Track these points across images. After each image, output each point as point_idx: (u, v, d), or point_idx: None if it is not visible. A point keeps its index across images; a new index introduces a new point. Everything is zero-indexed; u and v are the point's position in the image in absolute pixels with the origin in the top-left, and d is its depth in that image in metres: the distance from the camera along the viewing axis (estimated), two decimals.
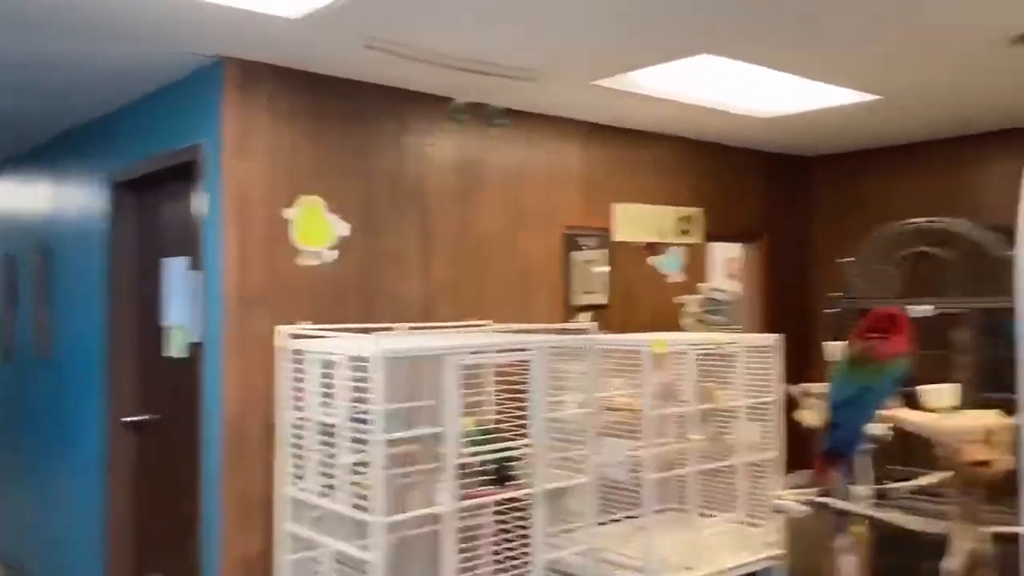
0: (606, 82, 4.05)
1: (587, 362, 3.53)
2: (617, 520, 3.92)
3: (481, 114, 4.42)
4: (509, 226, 4.57)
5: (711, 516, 4.13)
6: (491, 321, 4.31)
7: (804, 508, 2.98)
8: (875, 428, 3.03)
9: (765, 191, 6.01)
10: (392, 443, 2.89)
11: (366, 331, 3.46)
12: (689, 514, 4.00)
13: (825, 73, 3.93)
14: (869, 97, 4.36)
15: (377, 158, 4.02)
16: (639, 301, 5.81)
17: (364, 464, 2.90)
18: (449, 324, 4.12)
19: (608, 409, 3.94)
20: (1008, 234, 4.18)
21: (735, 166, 5.80)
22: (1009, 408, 2.58)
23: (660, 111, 4.65)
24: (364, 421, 2.87)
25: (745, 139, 5.57)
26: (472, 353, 3.08)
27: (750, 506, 4.16)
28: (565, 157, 4.85)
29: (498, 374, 3.68)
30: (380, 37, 3.33)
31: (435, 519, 3.03)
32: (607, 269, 5.11)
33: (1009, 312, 4.08)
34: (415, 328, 3.89)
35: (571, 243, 4.92)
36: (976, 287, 4.25)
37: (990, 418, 2.82)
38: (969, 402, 3.53)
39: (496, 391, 3.67)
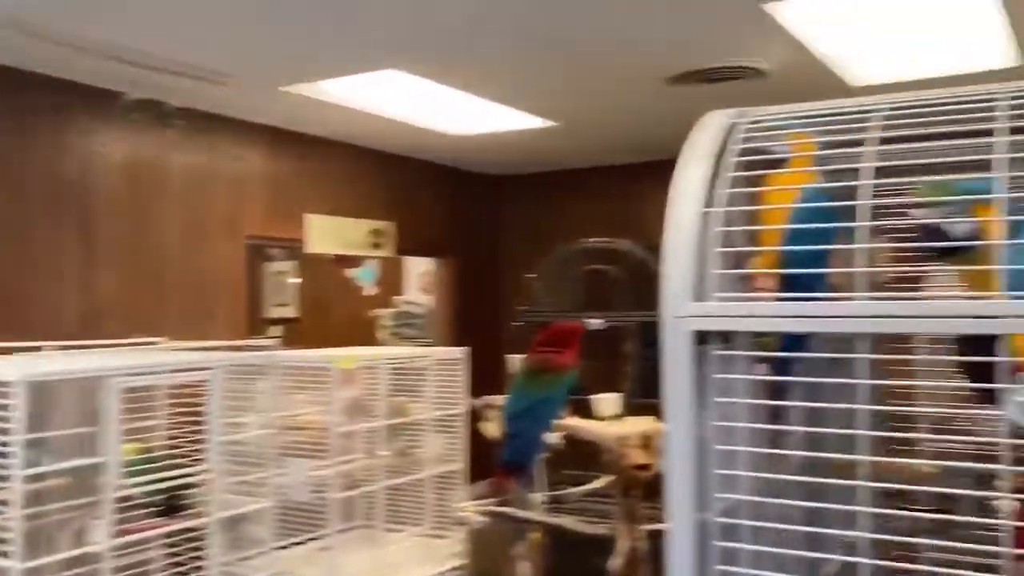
0: (296, 89, 3.93)
1: (269, 380, 3.37)
2: (301, 543, 3.78)
3: (155, 113, 4.10)
4: (189, 235, 4.28)
5: (399, 531, 4.12)
6: (166, 338, 4.00)
7: (483, 518, 3.04)
8: (550, 437, 3.16)
9: (456, 207, 6.15)
10: (35, 478, 2.56)
11: (7, 351, 3.06)
12: (376, 530, 3.95)
13: (506, 97, 4.09)
14: (547, 123, 4.60)
15: (28, 154, 3.59)
16: (334, 314, 5.71)
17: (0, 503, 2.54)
18: (114, 342, 3.77)
19: (294, 428, 3.79)
20: None
21: (426, 181, 5.88)
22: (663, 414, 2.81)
23: (352, 122, 4.60)
24: (1, 454, 2.52)
25: (436, 155, 5.67)
26: (135, 375, 2.82)
27: (436, 518, 4.20)
28: (251, 163, 4.64)
29: (173, 396, 3.41)
30: (32, 21, 2.97)
31: (94, 559, 2.73)
32: (298, 281, 4.96)
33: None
34: (70, 346, 3.50)
35: (259, 254, 4.72)
36: (641, 302, 4.64)
37: (648, 424, 3.05)
38: (633, 409, 3.83)
39: (171, 414, 3.40)
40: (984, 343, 1.51)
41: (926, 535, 2.55)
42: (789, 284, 1.46)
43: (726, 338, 1.37)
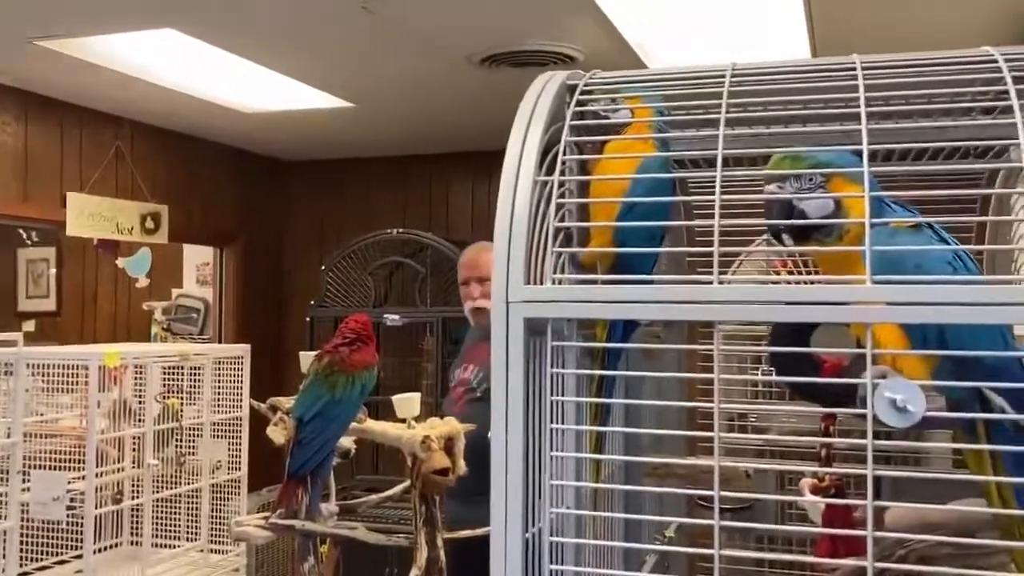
0: (53, 44, 3.41)
1: (14, 381, 2.90)
2: (47, 567, 3.30)
3: None
4: None
5: (173, 547, 3.71)
6: None
7: (266, 533, 2.72)
8: (344, 441, 2.91)
9: (241, 192, 5.67)
10: None
11: None
12: (143, 548, 3.53)
13: (299, 71, 3.77)
14: (343, 103, 4.31)
15: None
16: (100, 307, 5.14)
17: None
18: None
19: (49, 436, 3.32)
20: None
21: (208, 162, 5.38)
22: None
23: (122, 89, 4.08)
24: None
25: (220, 134, 5.20)
26: None
27: (214, 531, 3.83)
28: None
29: None
30: None
31: None
32: (53, 270, 4.37)
33: (466, 321, 4.30)
34: None
35: (8, 238, 4.12)
36: (443, 297, 4.45)
37: (450, 426, 2.85)
38: (433, 410, 3.64)
39: None
40: (799, 334, 1.41)
41: (732, 538, 2.50)
42: (622, 265, 1.31)
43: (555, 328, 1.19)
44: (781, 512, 2.59)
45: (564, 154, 1.23)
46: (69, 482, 3.14)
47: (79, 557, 3.19)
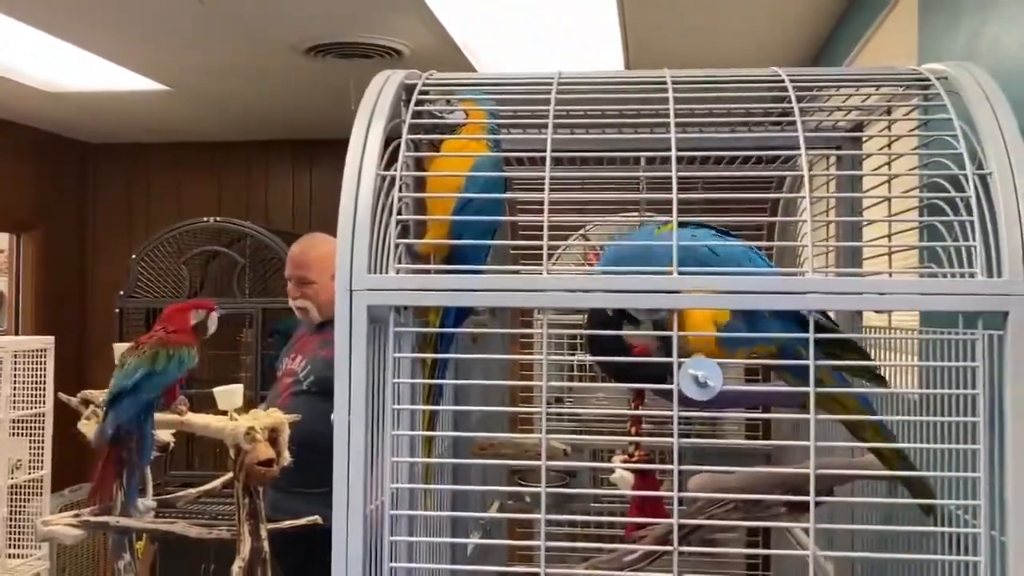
0: None
1: None
2: None
3: None
4: None
5: None
6: None
7: (77, 532, 2.61)
8: (162, 435, 2.83)
9: (42, 176, 5.33)
10: None
11: None
12: None
13: (109, 51, 3.60)
14: (158, 86, 4.15)
15: None
16: None
17: None
18: None
19: None
20: (289, 238, 4.43)
21: (6, 144, 5.03)
22: None
23: None
24: None
25: (20, 114, 4.86)
26: None
27: (13, 534, 3.62)
28: None
29: None
30: None
31: None
32: None
33: (285, 312, 4.29)
34: None
35: None
36: (262, 288, 4.38)
37: (273, 417, 2.84)
38: (254, 401, 3.59)
39: None
40: (611, 318, 1.57)
41: (551, 510, 2.67)
42: (457, 256, 1.40)
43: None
44: (595, 486, 2.79)
45: (403, 151, 1.30)
46: None
47: None
